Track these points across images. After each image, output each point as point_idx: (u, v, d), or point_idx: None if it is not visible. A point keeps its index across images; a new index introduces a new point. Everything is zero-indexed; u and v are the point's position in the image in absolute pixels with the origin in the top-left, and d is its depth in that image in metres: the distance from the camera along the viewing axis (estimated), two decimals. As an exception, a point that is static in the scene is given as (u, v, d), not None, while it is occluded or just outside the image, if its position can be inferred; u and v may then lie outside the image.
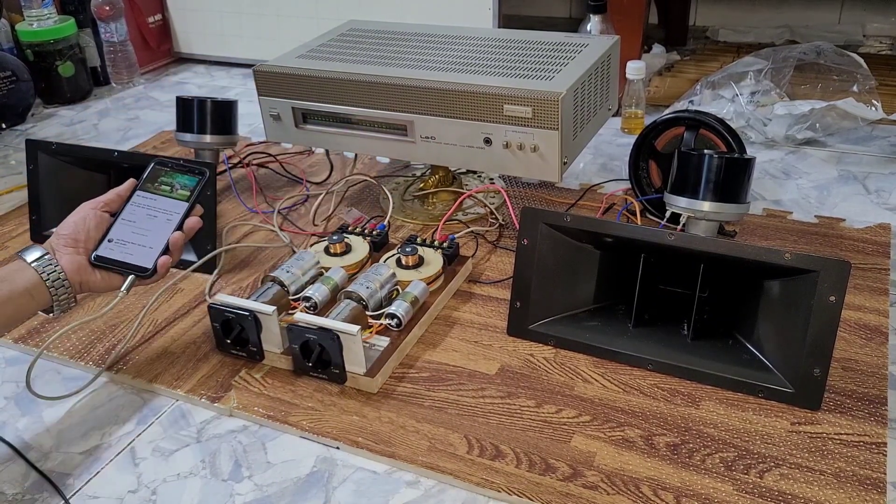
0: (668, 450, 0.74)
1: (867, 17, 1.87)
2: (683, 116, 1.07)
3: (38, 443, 0.81)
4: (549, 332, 0.89)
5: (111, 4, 1.78)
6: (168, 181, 0.88)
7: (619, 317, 0.90)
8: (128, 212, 0.86)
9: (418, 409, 0.81)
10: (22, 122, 1.69)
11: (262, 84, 1.12)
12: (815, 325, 0.76)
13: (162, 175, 0.88)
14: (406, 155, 1.09)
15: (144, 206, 0.86)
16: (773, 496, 0.69)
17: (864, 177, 1.25)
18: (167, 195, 0.87)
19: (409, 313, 0.90)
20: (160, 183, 0.88)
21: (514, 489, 0.71)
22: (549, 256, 0.88)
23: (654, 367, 0.84)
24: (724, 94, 1.40)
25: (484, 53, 1.10)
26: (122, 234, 0.84)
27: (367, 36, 1.21)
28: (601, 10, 1.43)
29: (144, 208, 0.86)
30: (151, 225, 0.85)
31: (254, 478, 0.76)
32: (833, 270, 0.74)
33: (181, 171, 0.88)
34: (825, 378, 0.76)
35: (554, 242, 0.88)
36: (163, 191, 0.87)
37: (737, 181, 0.94)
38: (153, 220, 0.85)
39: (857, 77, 1.35)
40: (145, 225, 0.85)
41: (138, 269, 0.83)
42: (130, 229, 0.85)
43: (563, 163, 0.99)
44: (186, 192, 0.87)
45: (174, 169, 0.88)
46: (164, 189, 0.87)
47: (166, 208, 0.86)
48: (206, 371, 0.88)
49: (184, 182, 0.88)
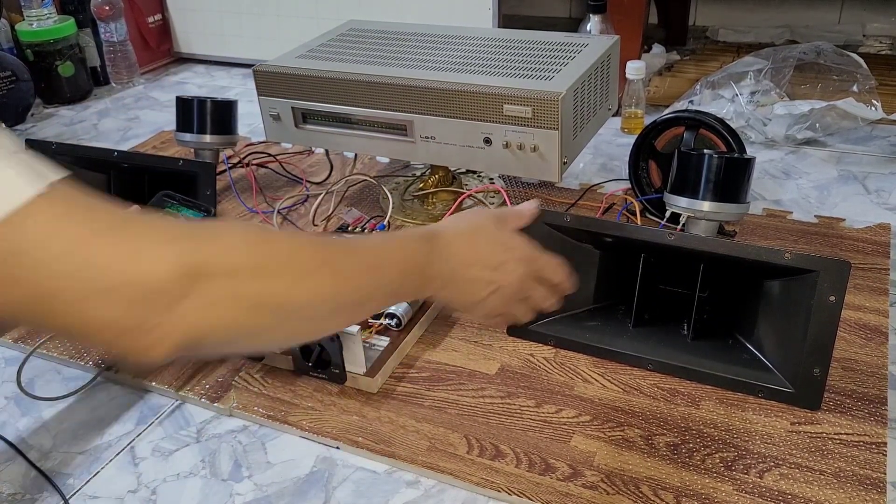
0: (668, 450, 0.74)
1: (867, 17, 1.86)
2: (683, 116, 1.07)
3: (38, 442, 0.81)
4: (548, 332, 0.89)
5: (111, 4, 1.78)
6: (174, 213, 0.88)
7: (618, 317, 0.90)
8: None
9: (418, 408, 0.81)
10: (22, 122, 1.69)
11: (262, 84, 1.12)
12: (815, 325, 0.75)
13: (169, 206, 0.89)
14: (406, 155, 1.09)
15: None
16: (773, 496, 0.69)
17: (863, 177, 1.25)
18: None
19: (408, 313, 0.90)
20: (166, 213, 0.89)
21: (514, 489, 0.71)
22: None
23: (654, 367, 0.84)
24: (724, 94, 1.40)
25: (484, 53, 1.10)
26: None
27: (367, 36, 1.21)
28: (601, 10, 1.43)
29: None
30: None
31: (254, 478, 0.76)
32: (833, 270, 0.74)
33: (187, 205, 0.89)
34: (825, 378, 0.76)
35: (554, 242, 0.87)
36: None
37: (737, 181, 0.94)
38: None
39: (857, 77, 1.35)
40: None
41: None
42: None
43: (563, 163, 0.98)
44: None
45: (181, 203, 0.89)
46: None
47: None
48: (206, 371, 0.88)
49: (189, 215, 0.88)
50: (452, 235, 0.67)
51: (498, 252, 0.69)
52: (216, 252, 0.45)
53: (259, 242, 0.48)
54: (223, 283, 0.44)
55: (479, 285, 0.68)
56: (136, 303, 0.40)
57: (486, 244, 0.69)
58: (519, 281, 0.70)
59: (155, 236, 0.42)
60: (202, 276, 0.43)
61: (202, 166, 1.08)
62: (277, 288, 0.48)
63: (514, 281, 0.70)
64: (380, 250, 0.60)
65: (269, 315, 0.48)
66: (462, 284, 0.67)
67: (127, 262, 0.40)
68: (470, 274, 0.67)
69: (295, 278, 0.50)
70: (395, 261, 0.61)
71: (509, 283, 0.70)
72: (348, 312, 0.58)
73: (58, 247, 0.39)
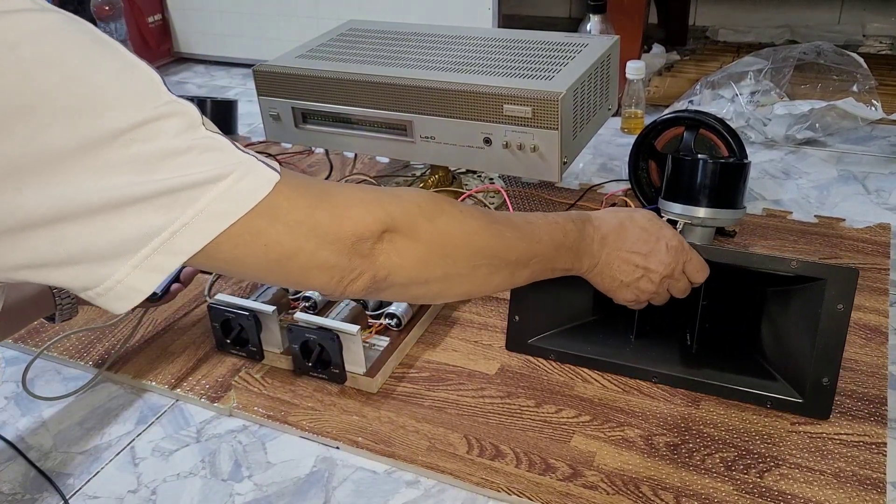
0: (668, 450, 0.74)
1: (867, 17, 1.87)
2: (683, 116, 1.07)
3: (38, 442, 0.81)
4: (549, 346, 0.87)
5: (111, 4, 1.78)
6: None
7: (619, 328, 0.88)
8: None
9: (418, 408, 0.81)
10: (22, 122, 1.69)
11: (262, 84, 1.12)
12: (824, 334, 0.74)
13: None
14: (406, 155, 1.09)
15: None
16: (773, 496, 0.69)
17: (863, 177, 1.25)
18: None
19: (408, 313, 0.90)
20: None
21: (514, 489, 0.71)
22: None
23: (659, 380, 0.82)
24: (724, 94, 1.40)
25: (484, 53, 1.10)
26: None
27: (367, 36, 1.21)
28: (601, 10, 1.43)
29: None
30: None
31: (254, 477, 0.76)
32: (841, 278, 0.73)
33: None
34: (834, 387, 0.75)
35: None
36: None
37: (732, 186, 0.93)
38: None
39: (857, 77, 1.35)
40: None
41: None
42: None
43: (563, 163, 0.98)
44: None
45: None
46: None
47: None
48: (205, 371, 0.88)
49: None
50: (603, 220, 0.73)
51: (649, 241, 0.74)
52: (399, 212, 0.56)
53: (433, 210, 0.59)
54: (402, 236, 0.56)
55: (629, 269, 0.73)
56: (351, 249, 0.53)
57: (637, 231, 0.74)
58: (666, 270, 0.74)
59: (355, 200, 0.54)
60: (388, 230, 0.55)
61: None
62: (445, 244, 0.59)
63: (662, 270, 0.74)
64: (535, 226, 0.67)
65: (438, 266, 0.59)
66: (613, 266, 0.73)
67: (342, 222, 0.52)
68: (621, 257, 0.73)
69: (462, 235, 0.60)
70: (548, 235, 0.68)
71: (657, 271, 0.74)
72: (509, 272, 0.65)
73: (296, 216, 0.50)
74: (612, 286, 0.75)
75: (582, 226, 0.71)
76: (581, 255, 0.71)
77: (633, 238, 0.73)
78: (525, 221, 0.67)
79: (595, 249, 0.72)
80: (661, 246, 0.74)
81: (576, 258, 0.71)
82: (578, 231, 0.70)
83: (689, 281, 0.77)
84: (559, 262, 0.69)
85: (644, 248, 0.73)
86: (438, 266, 0.59)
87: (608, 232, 0.73)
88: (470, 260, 0.61)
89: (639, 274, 0.74)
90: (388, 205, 0.55)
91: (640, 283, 0.74)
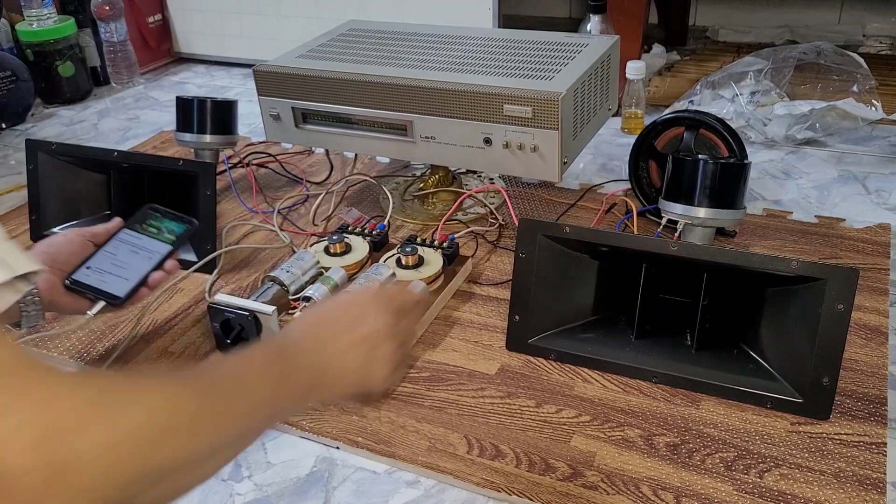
0: (668, 450, 0.74)
1: (867, 17, 1.87)
2: (683, 116, 1.07)
3: (38, 443, 0.81)
4: (549, 345, 0.87)
5: (111, 4, 1.78)
6: (156, 224, 0.91)
7: (619, 328, 0.88)
8: (111, 245, 0.88)
9: (418, 408, 0.81)
10: (22, 122, 1.69)
11: (262, 84, 1.12)
12: (824, 334, 0.74)
13: (152, 218, 0.91)
14: (406, 155, 1.09)
15: (129, 242, 0.88)
16: (773, 496, 0.69)
17: (863, 177, 1.25)
18: (153, 236, 0.89)
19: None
20: (149, 224, 0.90)
21: (514, 489, 0.71)
22: (547, 268, 0.86)
23: (659, 380, 0.82)
24: (724, 94, 1.40)
25: (484, 53, 1.10)
26: (100, 264, 0.86)
27: (367, 36, 1.21)
28: (601, 10, 1.43)
29: (128, 245, 0.88)
30: (131, 259, 0.87)
31: (253, 477, 0.76)
32: (841, 278, 0.73)
33: (172, 217, 0.92)
34: (835, 387, 0.75)
35: (552, 254, 0.86)
36: (150, 232, 0.90)
37: (732, 186, 0.93)
38: (134, 256, 0.87)
39: (857, 77, 1.35)
40: (125, 259, 0.87)
41: (110, 297, 0.84)
42: (110, 260, 0.86)
43: (563, 163, 0.98)
44: (172, 237, 0.89)
45: (164, 215, 0.91)
46: (152, 231, 0.90)
47: (149, 247, 0.88)
48: (205, 371, 0.88)
49: (171, 227, 0.90)
50: (295, 330, 0.64)
51: (349, 312, 0.66)
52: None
53: (101, 415, 0.41)
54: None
55: (355, 351, 0.64)
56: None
57: (330, 313, 0.66)
58: (385, 323, 0.66)
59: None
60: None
61: (202, 166, 1.08)
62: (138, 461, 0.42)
63: (381, 326, 0.66)
64: (239, 383, 0.53)
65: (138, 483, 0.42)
66: (340, 362, 0.62)
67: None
68: (338, 347, 0.63)
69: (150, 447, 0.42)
70: (259, 388, 0.54)
71: (378, 330, 0.65)
72: (232, 449, 0.52)
73: None
74: (360, 378, 0.64)
75: (279, 351, 0.60)
76: (301, 372, 0.59)
77: (332, 319, 0.65)
78: (228, 386, 0.52)
79: (310, 359, 0.60)
80: (359, 309, 0.66)
81: (299, 383, 0.58)
82: (281, 359, 0.58)
83: (412, 307, 0.72)
84: (286, 401, 0.57)
85: (346, 321, 0.65)
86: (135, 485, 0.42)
87: (307, 334, 0.63)
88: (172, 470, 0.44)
89: (367, 346, 0.64)
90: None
91: (378, 349, 0.65)
